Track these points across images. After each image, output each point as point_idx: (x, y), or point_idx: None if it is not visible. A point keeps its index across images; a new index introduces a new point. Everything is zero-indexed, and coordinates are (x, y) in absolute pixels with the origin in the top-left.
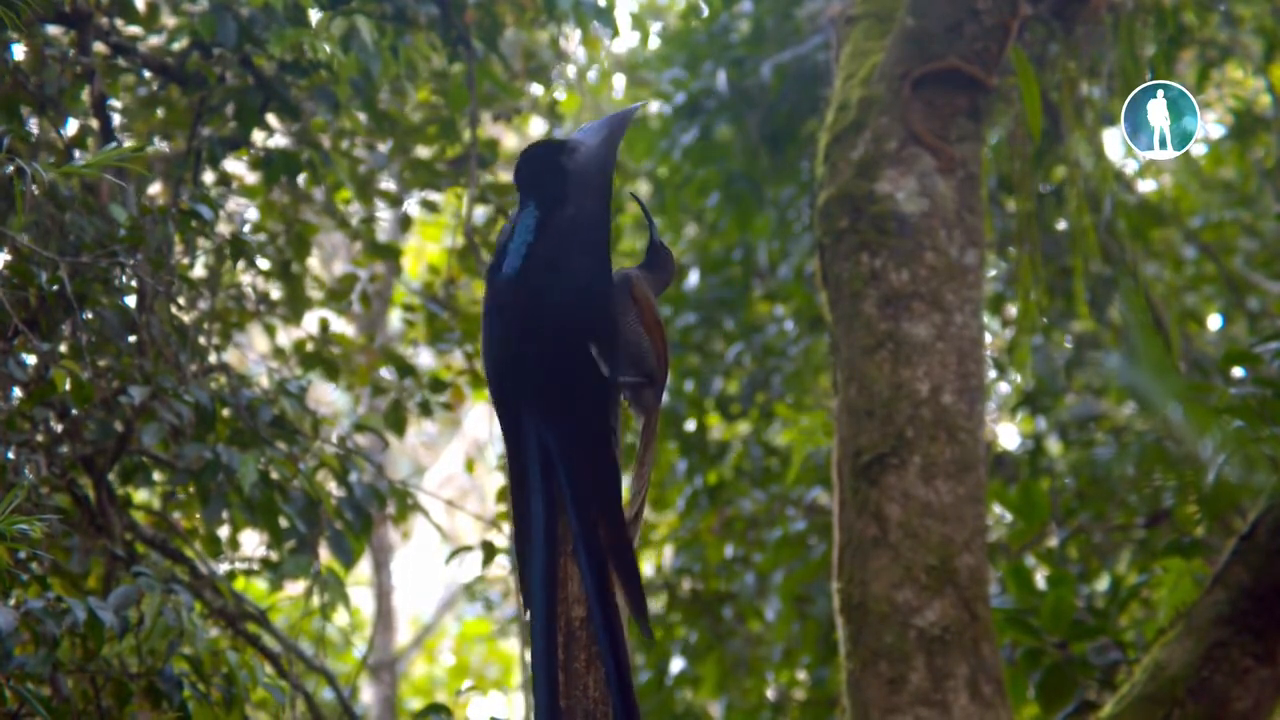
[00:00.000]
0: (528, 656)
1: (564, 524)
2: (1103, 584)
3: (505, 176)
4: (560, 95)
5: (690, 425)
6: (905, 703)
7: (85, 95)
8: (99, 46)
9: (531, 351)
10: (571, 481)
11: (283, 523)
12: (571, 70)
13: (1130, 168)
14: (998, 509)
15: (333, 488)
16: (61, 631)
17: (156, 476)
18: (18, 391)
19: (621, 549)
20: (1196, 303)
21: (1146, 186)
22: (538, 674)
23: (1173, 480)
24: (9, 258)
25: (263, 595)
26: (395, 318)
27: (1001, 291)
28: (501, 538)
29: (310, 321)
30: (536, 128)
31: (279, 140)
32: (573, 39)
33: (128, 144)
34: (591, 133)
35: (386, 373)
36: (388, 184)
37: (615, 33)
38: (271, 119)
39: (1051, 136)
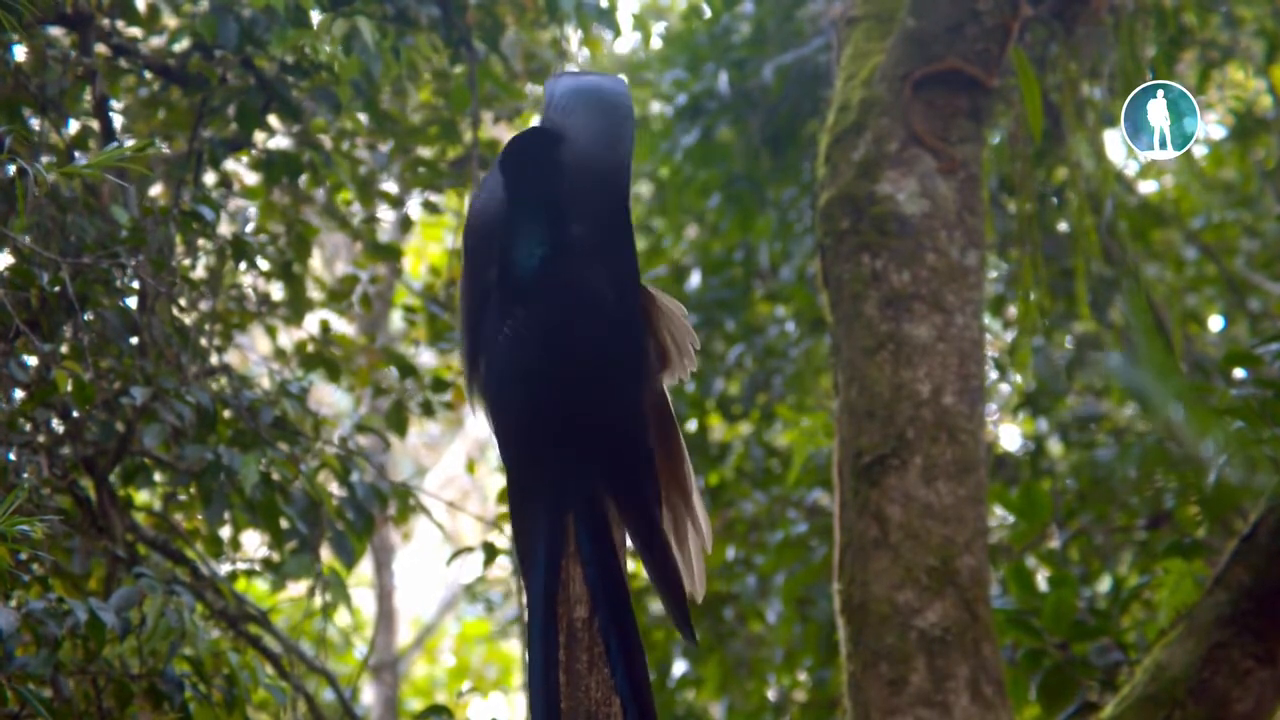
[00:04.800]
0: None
1: (568, 522)
2: (1104, 585)
3: None
4: None
5: (691, 426)
6: (906, 704)
7: (86, 96)
8: (100, 48)
9: (576, 378)
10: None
11: (284, 523)
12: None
13: (1131, 169)
14: (999, 510)
15: (334, 488)
16: (63, 633)
17: (158, 478)
18: (19, 393)
19: (673, 577)
20: (1198, 304)
21: (1148, 187)
22: (534, 679)
23: (1174, 481)
24: (11, 259)
25: (264, 596)
26: (396, 318)
27: (1002, 293)
28: (502, 539)
29: (311, 322)
30: None
31: (280, 141)
32: (574, 40)
33: (129, 145)
34: (574, 110)
35: (389, 372)
36: (389, 185)
37: (617, 33)
38: (273, 120)
39: (1052, 137)
